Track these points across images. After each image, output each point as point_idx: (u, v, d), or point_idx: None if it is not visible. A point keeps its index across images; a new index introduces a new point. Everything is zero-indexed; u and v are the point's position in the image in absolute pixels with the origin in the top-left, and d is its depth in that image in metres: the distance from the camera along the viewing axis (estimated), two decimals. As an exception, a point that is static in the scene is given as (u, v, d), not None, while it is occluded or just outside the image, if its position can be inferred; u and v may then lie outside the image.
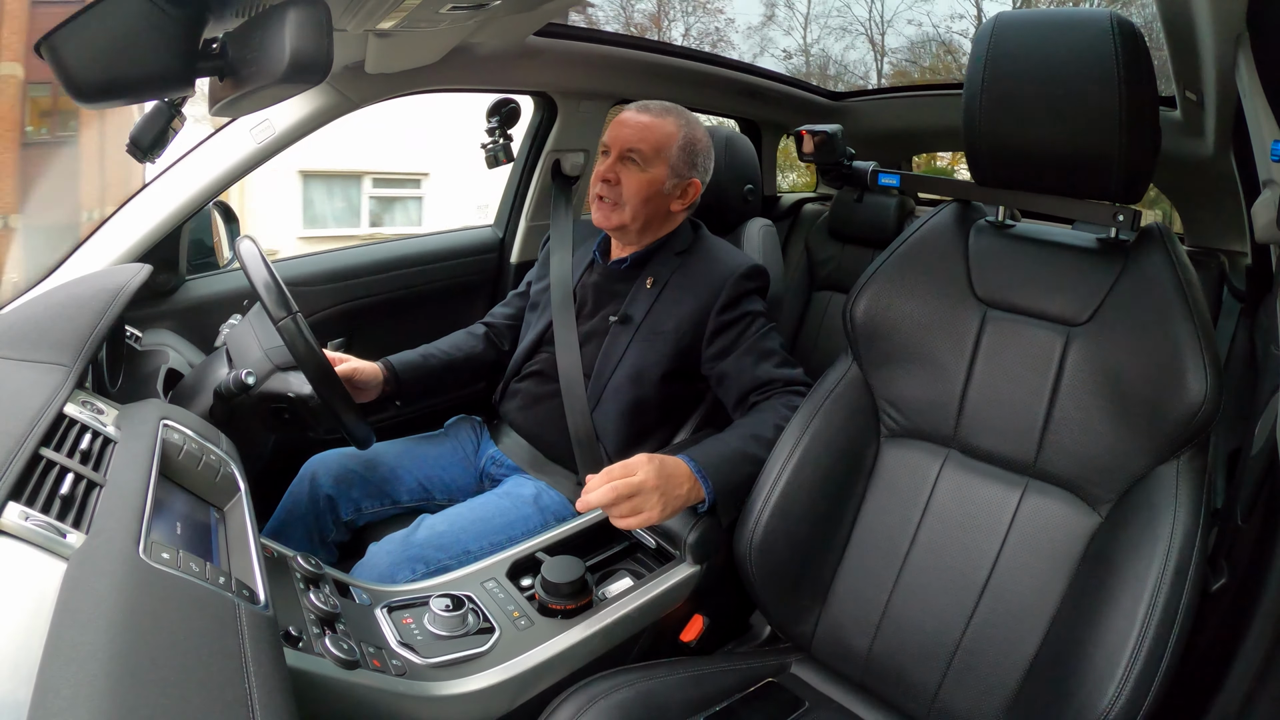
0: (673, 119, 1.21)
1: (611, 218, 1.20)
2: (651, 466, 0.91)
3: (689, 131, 1.22)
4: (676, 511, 0.94)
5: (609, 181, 1.19)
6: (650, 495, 0.89)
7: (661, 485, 0.90)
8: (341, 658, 0.69)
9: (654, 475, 0.90)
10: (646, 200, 1.19)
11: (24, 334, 0.74)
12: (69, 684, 0.38)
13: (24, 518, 0.48)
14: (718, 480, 0.97)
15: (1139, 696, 0.69)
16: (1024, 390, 0.87)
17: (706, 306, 1.17)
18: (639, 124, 1.19)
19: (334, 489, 1.19)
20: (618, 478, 0.88)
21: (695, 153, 1.22)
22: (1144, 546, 0.74)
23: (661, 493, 0.90)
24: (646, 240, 1.26)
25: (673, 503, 0.92)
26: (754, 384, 1.14)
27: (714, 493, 0.96)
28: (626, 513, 0.88)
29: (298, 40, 0.66)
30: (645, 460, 0.91)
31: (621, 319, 1.22)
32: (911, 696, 0.89)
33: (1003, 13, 0.86)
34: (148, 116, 0.94)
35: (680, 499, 0.93)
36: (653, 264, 1.24)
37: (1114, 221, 0.85)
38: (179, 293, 1.36)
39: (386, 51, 1.25)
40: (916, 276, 0.96)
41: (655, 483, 0.90)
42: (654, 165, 1.18)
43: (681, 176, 1.21)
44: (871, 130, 2.39)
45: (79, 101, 0.69)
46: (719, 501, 0.97)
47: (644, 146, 1.17)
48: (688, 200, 1.24)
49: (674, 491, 0.92)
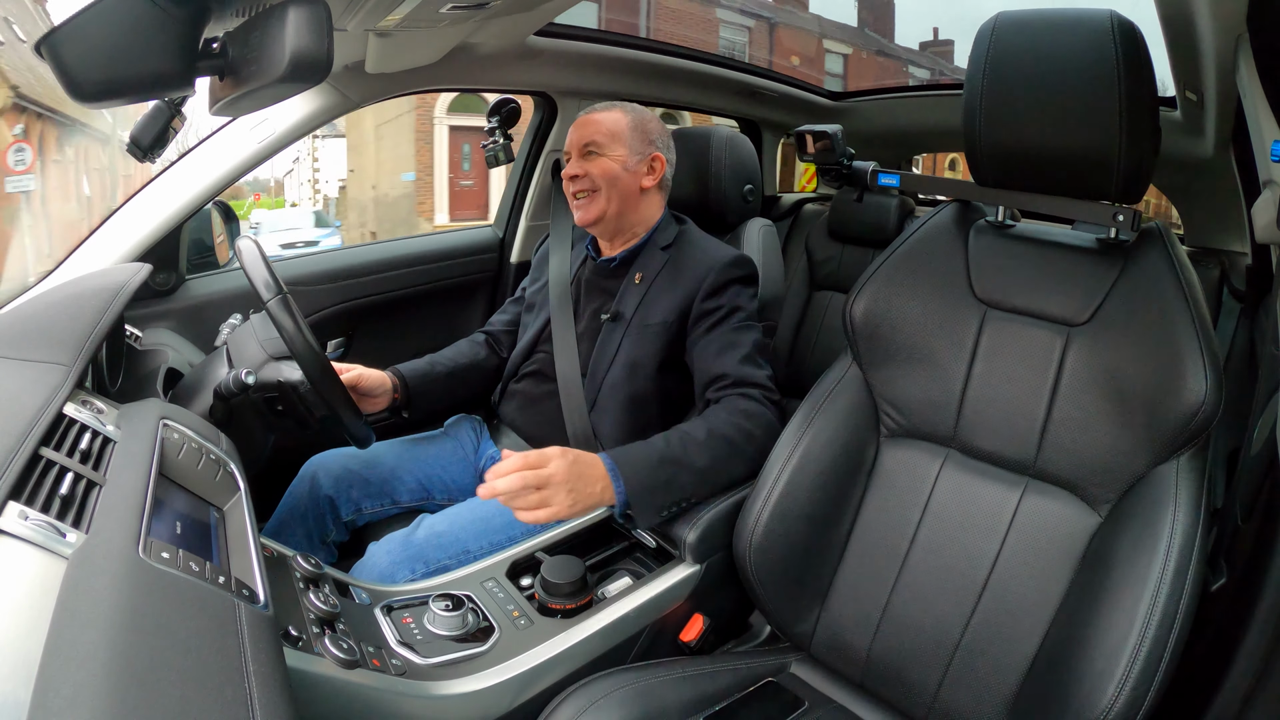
0: (618, 109, 1.28)
1: (590, 210, 1.24)
2: (564, 460, 0.89)
3: (637, 116, 1.28)
4: (586, 510, 0.92)
5: (577, 177, 1.24)
6: (559, 489, 0.87)
7: (571, 481, 0.89)
8: (341, 657, 0.69)
9: (564, 469, 0.88)
10: (614, 180, 1.23)
11: (24, 334, 0.74)
12: (69, 684, 0.38)
13: (23, 517, 0.48)
14: (633, 483, 0.94)
15: (1139, 696, 0.69)
16: (1024, 390, 0.87)
17: (692, 294, 1.18)
18: (588, 121, 1.26)
19: (334, 489, 1.20)
20: (527, 467, 0.86)
21: (649, 131, 1.27)
22: (1144, 546, 0.74)
23: (570, 489, 0.88)
24: (628, 229, 1.28)
25: (583, 500, 0.90)
26: (709, 378, 1.12)
27: (625, 495, 0.94)
28: (532, 505, 0.87)
29: (298, 40, 0.66)
30: (559, 453, 0.90)
31: (613, 316, 1.23)
32: (911, 696, 0.89)
33: (1003, 12, 0.86)
34: (148, 116, 0.95)
35: (592, 497, 0.91)
36: (640, 260, 1.26)
37: (1114, 222, 0.85)
38: (179, 292, 1.36)
39: (386, 51, 1.25)
40: (916, 277, 0.96)
41: (564, 477, 0.88)
42: (612, 148, 1.24)
43: (642, 153, 1.26)
44: (871, 130, 2.39)
45: (79, 101, 0.69)
46: (634, 505, 0.95)
47: (598, 136, 1.24)
48: (657, 175, 1.27)
49: (585, 489, 0.90)
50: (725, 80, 2.05)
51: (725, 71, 2.04)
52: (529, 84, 1.66)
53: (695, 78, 1.97)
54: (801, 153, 1.98)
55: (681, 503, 0.98)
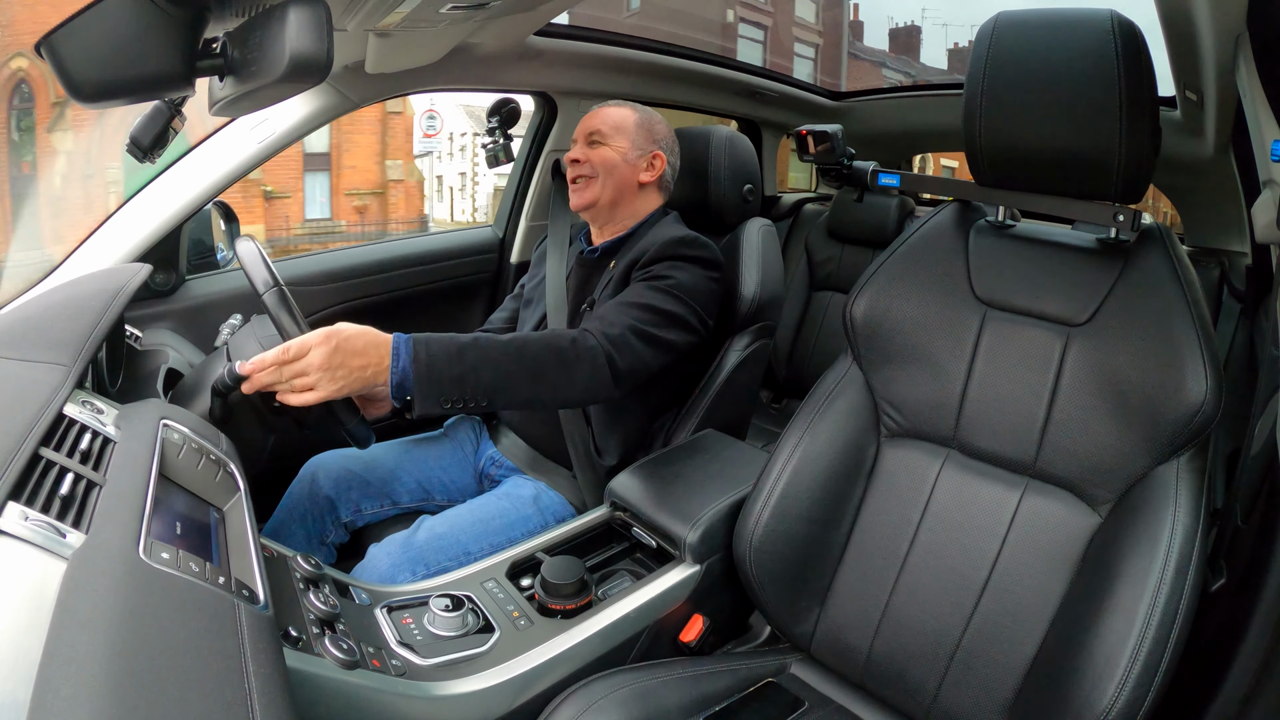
0: (629, 107, 1.31)
1: (584, 194, 1.26)
2: (324, 348, 0.86)
3: (645, 115, 1.30)
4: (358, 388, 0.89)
5: (578, 162, 1.26)
6: (319, 375, 0.86)
7: (332, 368, 0.86)
8: (341, 658, 0.69)
9: (322, 357, 0.86)
10: (611, 169, 1.25)
11: (24, 334, 0.74)
12: (69, 684, 0.38)
13: (23, 518, 0.48)
14: (420, 366, 0.90)
15: (1138, 696, 0.69)
16: (1024, 390, 0.87)
17: (634, 265, 1.18)
18: (596, 113, 1.30)
19: (333, 490, 1.20)
20: (284, 361, 0.85)
21: (654, 130, 1.29)
22: (1144, 547, 0.74)
23: (331, 374, 0.86)
24: (619, 220, 1.28)
25: (349, 381, 0.88)
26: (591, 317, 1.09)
27: (403, 377, 0.90)
28: (298, 389, 0.86)
29: (298, 40, 0.66)
30: (322, 339, 0.87)
31: (590, 305, 1.24)
32: (911, 696, 0.89)
33: (1004, 12, 0.86)
34: (148, 116, 0.94)
35: (360, 378, 0.88)
36: (621, 251, 1.26)
37: (1114, 222, 0.85)
38: (179, 293, 1.36)
39: (386, 51, 1.25)
40: (916, 277, 0.96)
41: (322, 364, 0.86)
42: (615, 139, 1.26)
43: (643, 149, 1.27)
44: (871, 130, 2.39)
45: (79, 101, 0.69)
46: (416, 389, 0.90)
47: (603, 126, 1.26)
48: (656, 172, 1.28)
49: (351, 372, 0.88)
50: (725, 80, 2.06)
51: (725, 71, 2.04)
52: (529, 84, 1.66)
53: (695, 78, 1.97)
54: (802, 153, 1.98)
55: (470, 401, 0.94)
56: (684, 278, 1.14)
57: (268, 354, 0.86)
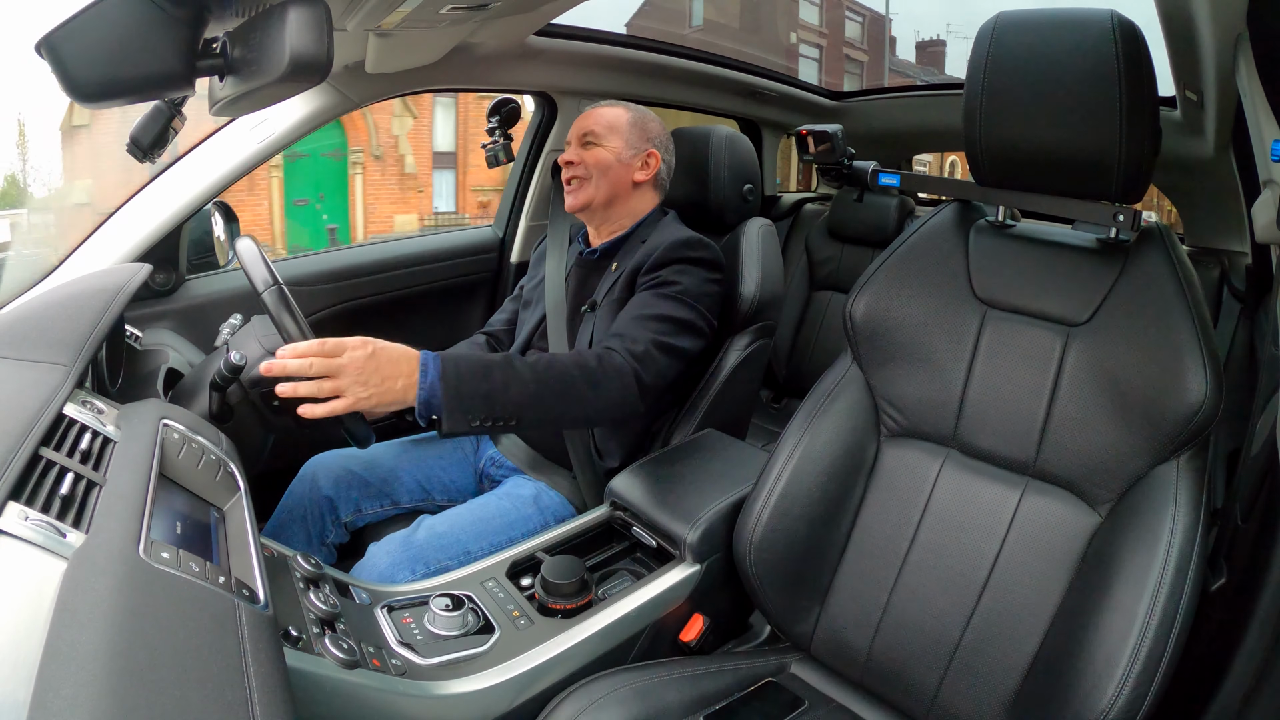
0: (621, 106, 1.31)
1: (579, 195, 1.26)
2: (361, 352, 0.85)
3: (638, 114, 1.30)
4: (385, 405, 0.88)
5: (572, 163, 1.26)
6: (351, 381, 0.85)
7: (366, 374, 0.85)
8: (341, 657, 0.69)
9: (359, 361, 0.85)
10: (605, 169, 1.25)
11: (24, 334, 0.74)
12: (69, 684, 0.38)
13: (23, 518, 0.48)
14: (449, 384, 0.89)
15: (1139, 696, 0.69)
16: (1024, 390, 0.87)
17: (639, 269, 1.18)
18: (590, 114, 1.30)
19: (334, 489, 1.20)
20: (323, 354, 0.84)
21: (648, 129, 1.29)
22: (1144, 546, 0.74)
23: (364, 382, 0.85)
24: (615, 219, 1.29)
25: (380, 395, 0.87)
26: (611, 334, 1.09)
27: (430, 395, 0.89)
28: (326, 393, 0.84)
29: (298, 40, 0.66)
30: (360, 344, 0.86)
31: (590, 306, 1.24)
32: (911, 696, 0.89)
33: (1004, 12, 0.86)
34: (148, 116, 0.94)
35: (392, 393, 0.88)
36: (621, 252, 1.27)
37: (1114, 222, 0.85)
38: (179, 292, 1.36)
39: (386, 51, 1.25)
40: (916, 276, 0.96)
41: (357, 369, 0.85)
42: (609, 139, 1.26)
43: (637, 148, 1.27)
44: (871, 130, 2.39)
45: (79, 101, 0.69)
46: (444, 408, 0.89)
47: (598, 128, 1.27)
48: (651, 171, 1.28)
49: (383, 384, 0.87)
50: (725, 80, 2.06)
51: (725, 71, 2.04)
52: (529, 84, 1.67)
53: (695, 77, 1.97)
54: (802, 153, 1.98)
55: (499, 420, 0.93)
56: (690, 282, 1.15)
57: (302, 344, 0.84)
